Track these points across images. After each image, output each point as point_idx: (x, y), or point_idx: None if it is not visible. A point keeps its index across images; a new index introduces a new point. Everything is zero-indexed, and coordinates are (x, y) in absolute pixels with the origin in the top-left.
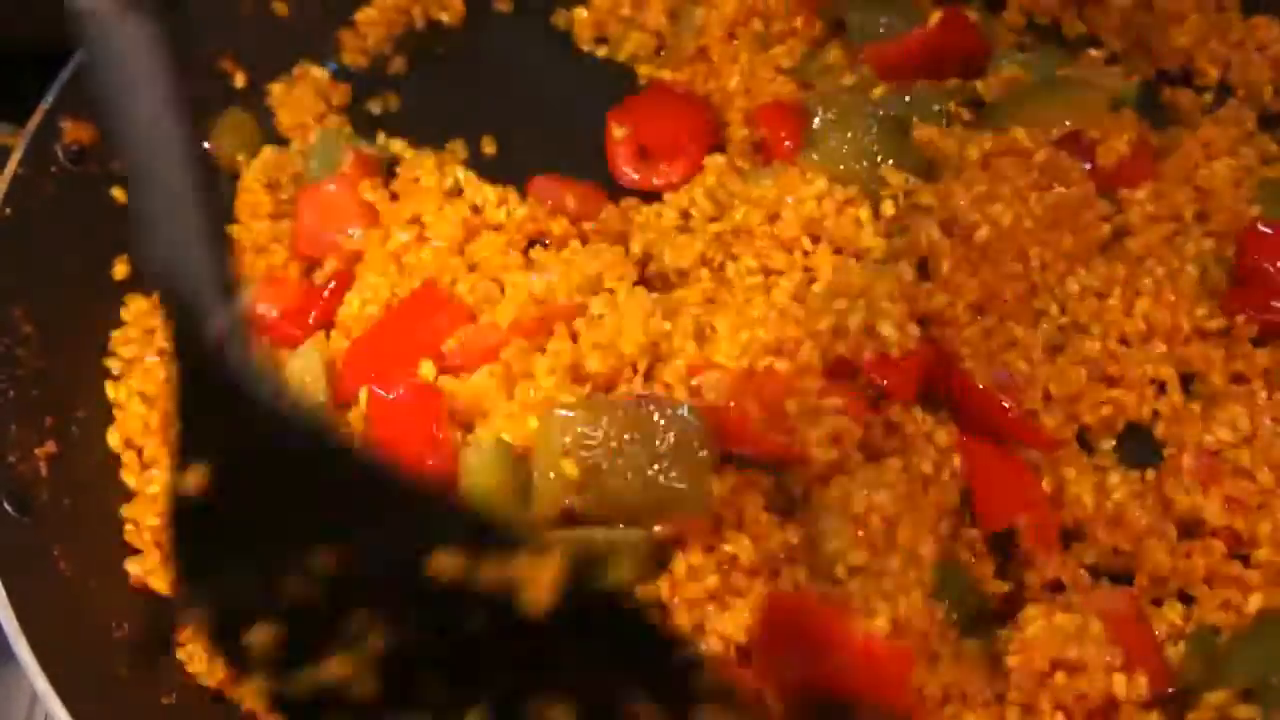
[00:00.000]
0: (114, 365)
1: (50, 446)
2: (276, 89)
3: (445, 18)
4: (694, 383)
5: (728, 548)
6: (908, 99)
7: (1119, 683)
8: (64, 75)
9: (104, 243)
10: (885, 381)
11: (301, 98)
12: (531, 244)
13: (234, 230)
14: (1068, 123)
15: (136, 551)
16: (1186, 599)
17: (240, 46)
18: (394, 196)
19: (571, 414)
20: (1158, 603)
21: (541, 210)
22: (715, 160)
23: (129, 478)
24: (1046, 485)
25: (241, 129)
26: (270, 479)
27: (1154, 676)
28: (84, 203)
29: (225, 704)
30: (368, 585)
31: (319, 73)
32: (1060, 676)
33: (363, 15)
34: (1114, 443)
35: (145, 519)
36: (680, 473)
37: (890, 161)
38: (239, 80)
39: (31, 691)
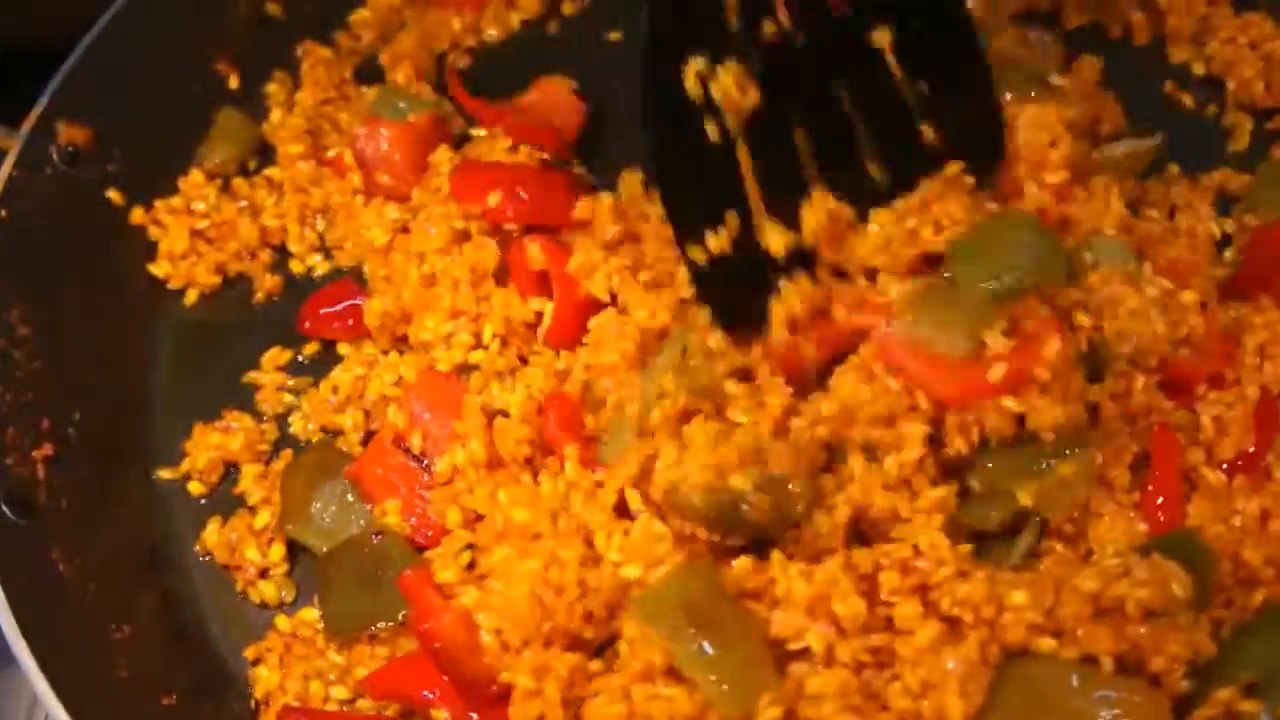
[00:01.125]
0: None
1: (47, 449)
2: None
3: None
4: None
5: None
6: None
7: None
8: (59, 77)
9: (99, 244)
10: None
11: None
12: None
13: (275, 173)
14: None
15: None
16: None
17: (234, 48)
18: None
19: None
20: None
21: None
22: None
23: None
24: None
25: (236, 129)
26: None
27: None
28: (79, 204)
29: (225, 705)
30: None
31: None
32: None
33: (357, 16)
34: None
35: None
36: None
37: None
38: (233, 81)
39: (32, 693)
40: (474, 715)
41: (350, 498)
